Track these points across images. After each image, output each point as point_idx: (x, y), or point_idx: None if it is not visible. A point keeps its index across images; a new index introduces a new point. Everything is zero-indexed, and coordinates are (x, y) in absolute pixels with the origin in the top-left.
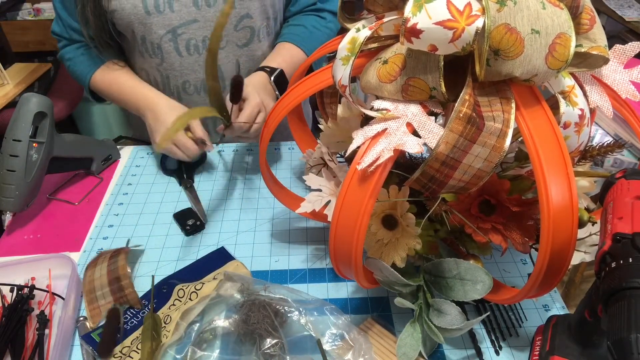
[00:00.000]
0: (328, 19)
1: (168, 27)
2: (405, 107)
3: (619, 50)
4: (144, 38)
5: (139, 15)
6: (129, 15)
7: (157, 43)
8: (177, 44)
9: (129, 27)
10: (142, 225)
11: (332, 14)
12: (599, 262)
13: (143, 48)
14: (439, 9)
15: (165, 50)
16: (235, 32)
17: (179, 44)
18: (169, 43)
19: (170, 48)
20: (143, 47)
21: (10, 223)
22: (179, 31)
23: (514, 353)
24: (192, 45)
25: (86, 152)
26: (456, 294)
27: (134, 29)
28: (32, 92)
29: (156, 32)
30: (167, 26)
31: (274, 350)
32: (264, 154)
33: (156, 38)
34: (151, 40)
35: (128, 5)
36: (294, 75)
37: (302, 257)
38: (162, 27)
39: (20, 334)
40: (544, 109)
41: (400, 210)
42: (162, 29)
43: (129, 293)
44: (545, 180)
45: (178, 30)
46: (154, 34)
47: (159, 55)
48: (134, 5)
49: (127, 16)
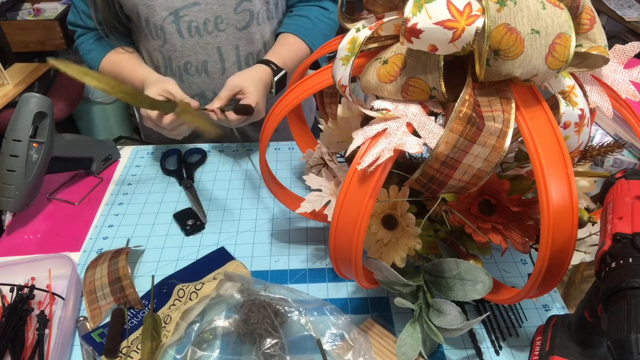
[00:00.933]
0: (330, 10)
1: (170, 9)
2: (405, 107)
3: (619, 50)
4: (147, 20)
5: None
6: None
7: (160, 25)
8: (179, 25)
9: (134, 8)
10: (142, 225)
11: (334, 3)
12: (599, 262)
13: (147, 30)
14: (439, 9)
15: (168, 31)
16: (235, 14)
17: (181, 26)
18: (171, 25)
19: (172, 29)
20: (147, 29)
21: (10, 223)
22: (181, 13)
23: (514, 353)
24: (194, 27)
25: (86, 152)
26: (456, 294)
27: (138, 10)
28: (32, 92)
29: (159, 14)
30: (170, 8)
31: (274, 350)
32: (264, 154)
33: (159, 20)
34: (154, 22)
35: None
36: (294, 75)
37: (302, 257)
38: (164, 8)
39: (20, 334)
40: (544, 109)
41: (400, 210)
42: (164, 10)
43: (130, 294)
44: (545, 180)
45: (180, 12)
46: (157, 15)
47: (161, 37)
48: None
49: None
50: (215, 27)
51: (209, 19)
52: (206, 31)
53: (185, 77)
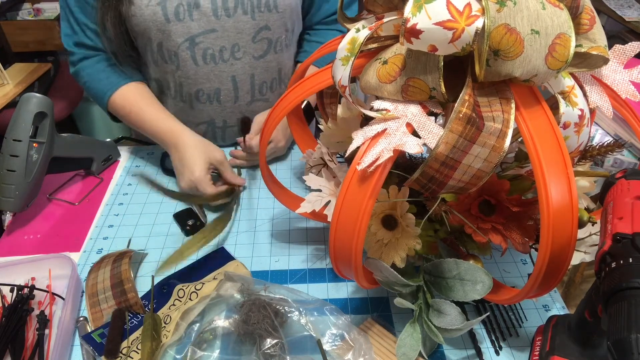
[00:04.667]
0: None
1: (187, 35)
2: (405, 107)
3: (619, 50)
4: (160, 45)
5: (158, 22)
6: (147, 21)
7: (174, 51)
8: (194, 52)
9: (145, 33)
10: (142, 225)
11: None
12: (599, 262)
13: (159, 55)
14: (438, 9)
15: (182, 58)
16: (253, 43)
17: (196, 53)
18: (186, 51)
19: (187, 56)
20: (159, 54)
21: (10, 223)
22: (197, 40)
23: (514, 353)
24: (209, 54)
25: (86, 152)
26: (456, 294)
27: (151, 35)
28: (32, 92)
29: (174, 40)
30: (186, 34)
31: (274, 350)
32: (264, 154)
33: (173, 46)
34: (168, 48)
35: (148, 11)
36: (294, 75)
37: (302, 257)
38: (180, 35)
39: (20, 334)
40: (543, 109)
41: (400, 210)
42: (180, 37)
43: (132, 297)
44: (545, 180)
45: (196, 39)
46: (172, 41)
47: (175, 63)
48: (153, 12)
49: (146, 22)
50: (232, 56)
51: (225, 47)
52: (222, 59)
53: (195, 104)
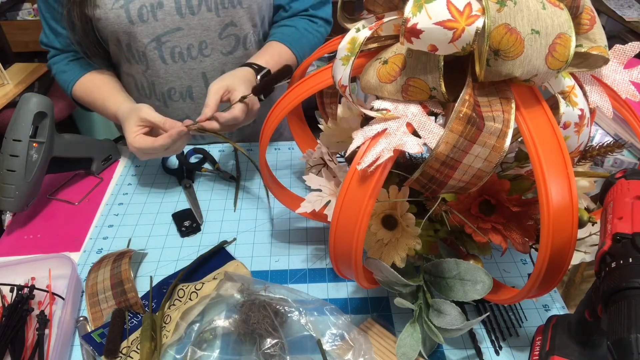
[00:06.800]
0: (319, 24)
1: (152, 35)
2: (405, 107)
3: (619, 50)
4: (129, 46)
5: (122, 24)
6: (113, 24)
7: (142, 51)
8: (161, 51)
9: (113, 35)
10: (142, 225)
11: (324, 20)
12: (599, 262)
13: (129, 55)
14: (439, 9)
15: (150, 58)
16: (220, 40)
17: (164, 52)
18: (154, 51)
19: (154, 56)
20: (129, 53)
21: (10, 223)
22: (163, 39)
23: (514, 353)
24: (177, 52)
25: (86, 152)
26: (456, 294)
27: (118, 37)
28: (32, 92)
29: (140, 41)
30: (152, 35)
31: (274, 350)
32: (264, 154)
33: (141, 46)
34: (136, 48)
35: (112, 14)
36: (294, 75)
37: (302, 257)
38: (146, 35)
39: (20, 334)
40: (544, 109)
41: (400, 210)
42: (146, 37)
43: (132, 297)
44: (545, 180)
45: (162, 39)
46: (139, 42)
47: (144, 63)
48: (117, 15)
49: (111, 25)
50: (200, 53)
51: (192, 45)
52: (190, 57)
53: (170, 103)
